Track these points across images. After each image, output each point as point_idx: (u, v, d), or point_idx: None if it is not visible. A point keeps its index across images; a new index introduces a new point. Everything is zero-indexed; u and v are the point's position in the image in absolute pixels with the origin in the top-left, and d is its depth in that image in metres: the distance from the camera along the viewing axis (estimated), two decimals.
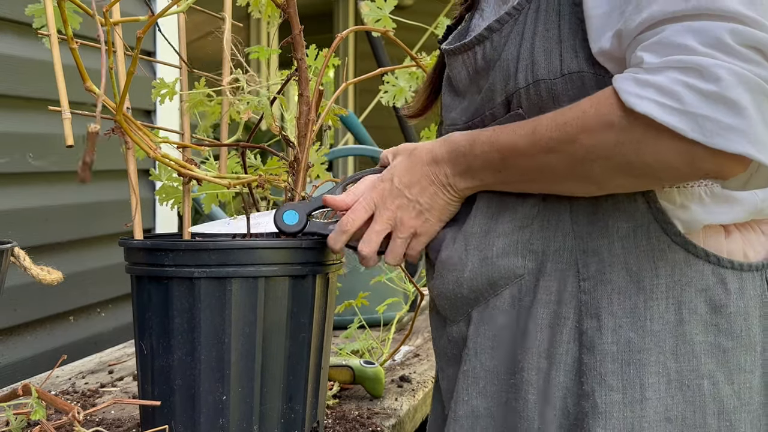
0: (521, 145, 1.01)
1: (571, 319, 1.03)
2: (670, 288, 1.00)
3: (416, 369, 1.89)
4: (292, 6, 1.29)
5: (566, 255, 1.04)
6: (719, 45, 0.85)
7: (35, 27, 1.30)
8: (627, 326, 1.00)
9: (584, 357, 1.02)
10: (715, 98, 0.84)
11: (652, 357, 1.00)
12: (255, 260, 1.20)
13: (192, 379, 1.21)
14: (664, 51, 0.87)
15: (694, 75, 0.85)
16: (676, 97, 0.85)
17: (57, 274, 1.24)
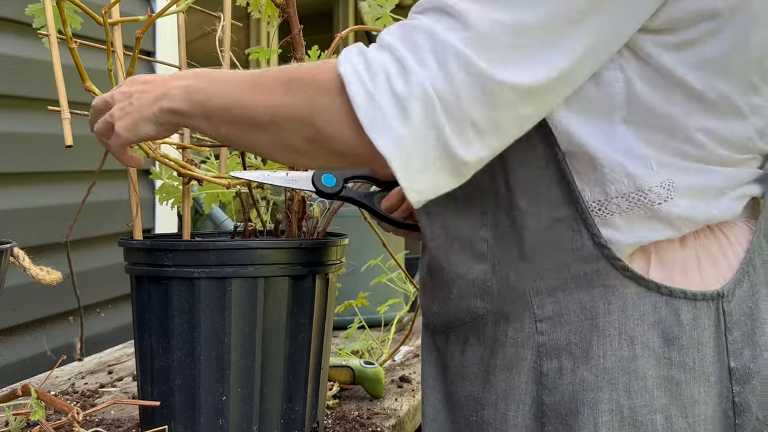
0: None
1: (529, 360, 1.03)
2: (622, 324, 0.99)
3: (416, 369, 1.89)
4: (292, 6, 1.29)
5: (519, 296, 1.03)
6: (441, 57, 0.85)
7: (35, 27, 1.30)
8: (582, 366, 1.00)
9: (545, 398, 1.02)
10: (397, 98, 0.85)
11: (605, 395, 0.98)
12: (255, 260, 1.20)
13: (192, 379, 1.20)
14: (402, 37, 0.88)
15: (399, 70, 0.86)
16: (373, 77, 0.87)
17: (56, 274, 1.24)
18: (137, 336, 1.27)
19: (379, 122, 0.86)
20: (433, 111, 0.86)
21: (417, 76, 0.86)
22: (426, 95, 0.85)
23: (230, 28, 1.41)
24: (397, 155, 0.86)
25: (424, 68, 0.86)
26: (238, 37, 1.44)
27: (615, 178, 0.97)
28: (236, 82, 1.00)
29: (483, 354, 1.08)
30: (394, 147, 0.86)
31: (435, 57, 0.86)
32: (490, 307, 1.06)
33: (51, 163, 2.29)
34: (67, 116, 1.23)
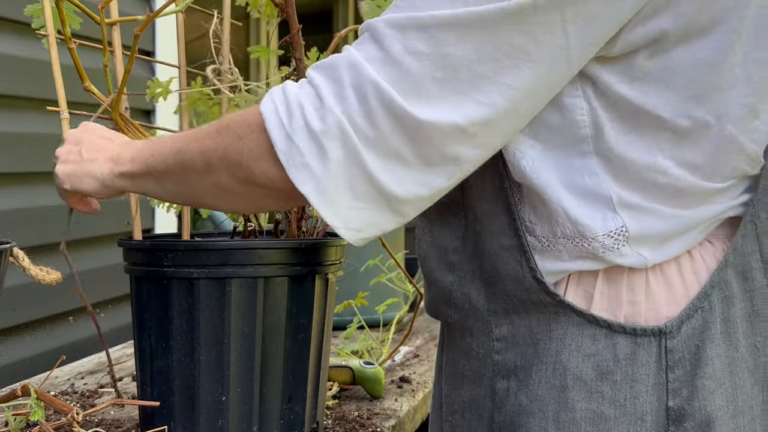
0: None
1: (487, 377, 1.04)
2: (559, 352, 0.97)
3: (416, 369, 1.89)
4: (291, 5, 1.29)
5: (480, 314, 1.04)
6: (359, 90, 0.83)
7: (34, 27, 1.30)
8: (522, 390, 0.99)
9: (495, 416, 1.02)
10: (313, 136, 0.84)
11: (535, 422, 0.98)
12: (254, 260, 1.20)
13: (191, 379, 1.20)
14: (324, 71, 0.86)
15: (314, 105, 0.85)
16: (290, 116, 0.85)
17: (56, 274, 1.24)
18: (137, 336, 1.27)
19: (298, 161, 0.84)
20: (354, 148, 0.83)
21: (334, 113, 0.83)
22: (343, 132, 0.83)
23: (230, 27, 1.41)
24: (318, 194, 0.85)
25: (343, 103, 0.83)
26: (237, 37, 1.44)
27: (559, 221, 0.95)
28: (175, 137, 1.00)
29: (455, 359, 1.08)
30: (314, 186, 0.84)
31: (355, 91, 0.83)
32: (458, 317, 1.06)
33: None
34: (66, 116, 1.23)
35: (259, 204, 1.00)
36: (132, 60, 1.15)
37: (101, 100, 1.21)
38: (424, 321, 2.47)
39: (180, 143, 0.98)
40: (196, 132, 0.97)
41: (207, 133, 0.95)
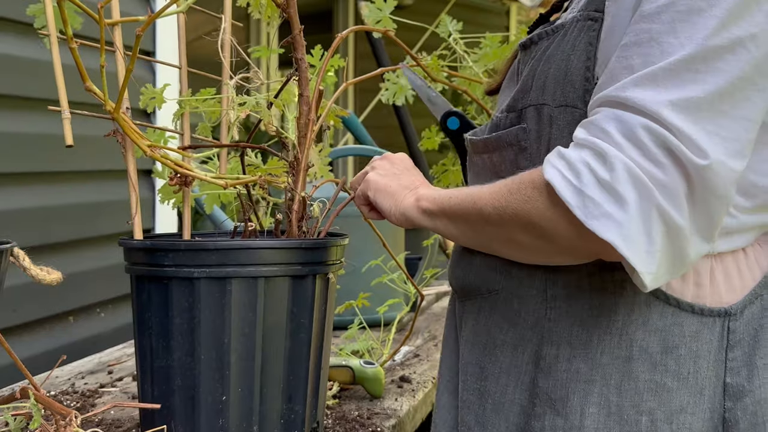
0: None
1: (533, 342, 1.08)
2: (626, 325, 1.03)
3: (416, 369, 1.89)
4: (293, 6, 1.29)
5: (536, 282, 1.08)
6: (632, 137, 0.89)
7: (36, 27, 1.30)
8: (579, 357, 1.05)
9: (540, 380, 1.07)
10: (605, 186, 0.89)
11: (596, 388, 1.04)
12: (255, 260, 1.20)
13: (192, 379, 1.20)
14: (590, 130, 0.93)
15: (598, 160, 0.90)
16: (577, 175, 0.91)
17: (56, 274, 1.24)
18: (137, 336, 1.27)
19: (595, 212, 0.89)
20: (646, 188, 0.88)
21: (618, 160, 0.89)
22: (632, 175, 0.88)
23: (231, 28, 1.41)
24: (622, 240, 0.88)
25: (621, 151, 0.89)
26: (238, 38, 1.44)
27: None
28: (472, 189, 1.09)
29: (491, 327, 1.13)
30: (617, 232, 0.88)
31: (626, 137, 0.89)
32: (506, 284, 1.12)
33: (51, 163, 2.29)
34: (68, 116, 1.23)
35: (552, 259, 1.04)
36: (134, 60, 1.15)
37: (103, 100, 1.21)
38: (424, 321, 2.47)
39: (476, 195, 1.06)
40: (491, 187, 1.05)
41: (498, 190, 1.02)
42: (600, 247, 0.90)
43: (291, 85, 1.38)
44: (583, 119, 0.99)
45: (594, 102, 0.96)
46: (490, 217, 1.03)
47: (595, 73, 1.02)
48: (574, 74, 1.03)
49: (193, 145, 1.42)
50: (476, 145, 1.19)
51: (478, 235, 1.09)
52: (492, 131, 1.17)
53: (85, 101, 1.44)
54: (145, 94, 1.40)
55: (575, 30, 1.06)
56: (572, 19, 1.07)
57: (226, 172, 1.45)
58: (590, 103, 0.97)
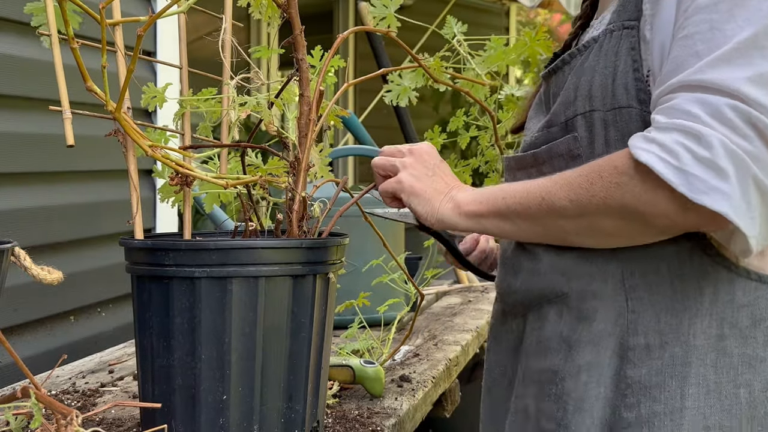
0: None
1: (616, 336, 1.12)
2: (713, 305, 1.09)
3: (416, 369, 1.89)
4: (293, 6, 1.29)
5: (610, 277, 1.12)
6: (719, 116, 0.96)
7: (33, 25, 1.30)
8: (672, 342, 1.09)
9: (629, 371, 1.11)
10: (706, 163, 0.95)
11: (693, 370, 1.09)
12: (255, 260, 1.20)
13: (192, 378, 1.21)
14: (673, 114, 0.99)
15: (693, 140, 0.96)
16: (675, 156, 0.97)
17: (57, 273, 1.24)
18: (138, 335, 1.27)
19: (702, 188, 0.95)
20: (742, 161, 0.95)
21: (713, 138, 0.95)
22: (728, 150, 0.95)
23: (231, 28, 1.41)
24: (732, 209, 0.95)
25: (712, 128, 0.96)
26: (239, 38, 1.44)
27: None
28: (528, 185, 1.13)
29: (563, 330, 1.16)
30: (727, 203, 0.95)
31: (714, 116, 0.96)
32: (576, 285, 1.15)
33: (51, 163, 2.29)
34: (69, 116, 1.23)
35: (637, 239, 1.09)
36: (134, 60, 1.15)
37: (104, 100, 1.21)
38: (424, 320, 2.47)
39: (539, 191, 1.11)
40: (553, 181, 1.10)
41: (570, 183, 1.07)
42: (703, 219, 0.98)
43: (292, 85, 1.38)
44: (639, 117, 1.07)
45: (665, 89, 1.02)
46: (566, 210, 1.07)
47: (643, 72, 1.09)
48: (624, 77, 1.10)
49: (194, 145, 1.42)
50: (523, 161, 1.24)
51: (547, 230, 1.12)
52: (529, 149, 1.23)
53: (86, 101, 1.44)
54: (146, 93, 1.41)
55: (612, 40, 1.13)
56: (603, 32, 1.15)
57: (226, 172, 1.45)
58: (659, 91, 1.03)
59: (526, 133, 1.30)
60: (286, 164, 1.40)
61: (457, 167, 1.93)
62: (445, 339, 2.21)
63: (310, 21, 1.49)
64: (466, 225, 1.21)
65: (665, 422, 1.08)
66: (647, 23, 1.09)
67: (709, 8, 1.01)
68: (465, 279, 3.24)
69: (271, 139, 1.46)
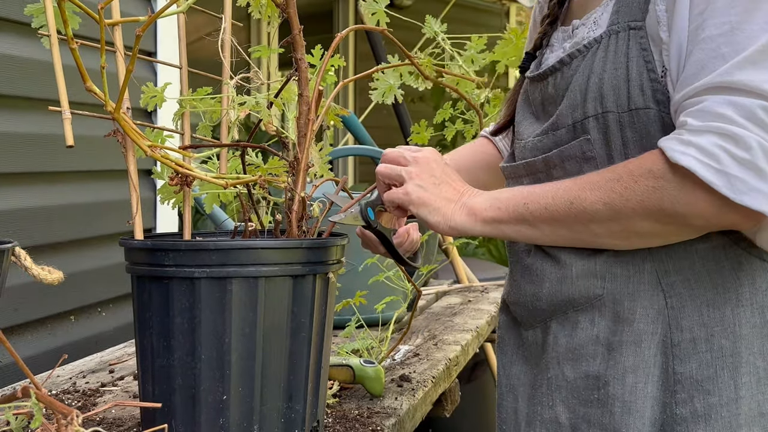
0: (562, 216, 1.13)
1: (659, 334, 1.13)
2: (753, 294, 1.11)
3: (416, 368, 1.89)
4: (292, 6, 1.29)
5: (647, 276, 1.13)
6: (753, 118, 0.98)
7: (34, 26, 1.30)
8: (719, 334, 1.11)
9: (677, 367, 1.12)
10: (746, 164, 0.97)
11: (743, 359, 1.11)
12: (255, 260, 1.20)
13: (192, 378, 1.21)
14: (706, 117, 1.00)
15: (731, 142, 0.98)
16: (715, 158, 0.98)
17: (58, 273, 1.24)
18: (138, 335, 1.27)
19: (744, 189, 0.98)
20: None
21: (752, 140, 0.97)
22: (766, 151, 0.97)
23: (231, 28, 1.42)
24: None
25: (748, 130, 0.98)
26: (238, 38, 1.44)
27: None
28: (547, 188, 1.14)
29: (599, 333, 1.16)
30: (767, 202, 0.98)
31: (748, 118, 0.98)
32: (611, 287, 1.15)
33: (51, 163, 2.29)
34: (68, 116, 1.23)
35: (671, 239, 1.11)
36: (134, 61, 1.15)
37: (103, 101, 1.21)
38: (423, 320, 2.48)
39: (567, 195, 1.11)
40: (581, 184, 1.10)
41: (601, 187, 1.08)
42: (742, 218, 1.01)
43: (291, 85, 1.38)
44: (658, 118, 1.08)
45: (690, 92, 1.03)
46: (598, 214, 1.08)
47: (658, 73, 1.09)
48: (639, 78, 1.10)
49: (194, 145, 1.42)
50: (532, 166, 1.24)
51: (575, 234, 1.13)
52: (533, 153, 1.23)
53: (86, 101, 1.45)
54: (146, 93, 1.41)
55: (618, 41, 1.13)
56: (606, 32, 1.14)
57: (226, 172, 1.45)
58: (683, 93, 1.04)
59: (521, 137, 1.29)
60: (286, 164, 1.40)
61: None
62: (445, 339, 2.21)
63: (310, 21, 1.50)
64: (483, 231, 1.20)
65: (722, 413, 1.09)
66: (663, 25, 1.09)
67: (725, 10, 1.02)
68: (465, 279, 3.24)
69: (271, 139, 1.46)
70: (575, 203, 1.09)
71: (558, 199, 1.11)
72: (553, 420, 1.20)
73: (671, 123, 1.08)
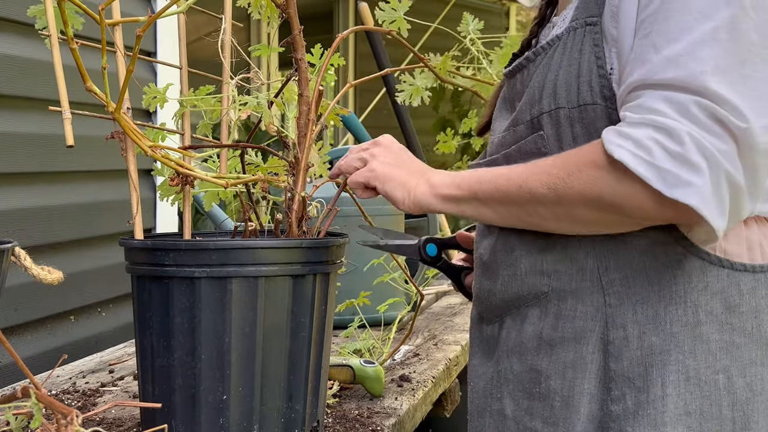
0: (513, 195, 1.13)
1: (597, 332, 1.13)
2: (687, 293, 1.10)
3: (416, 368, 1.89)
4: (292, 6, 1.29)
5: (588, 274, 1.14)
6: (687, 113, 0.98)
7: (38, 28, 1.30)
8: (650, 332, 1.10)
9: (611, 365, 1.12)
10: (678, 158, 0.97)
11: (672, 357, 1.09)
12: (255, 260, 1.20)
13: (192, 378, 1.21)
14: (642, 111, 1.01)
15: (664, 134, 0.98)
16: (647, 151, 0.98)
17: (57, 273, 1.24)
18: (138, 335, 1.27)
19: (674, 182, 0.97)
20: (712, 155, 0.97)
21: (684, 133, 0.97)
22: (699, 146, 0.97)
23: (231, 29, 1.42)
24: (703, 203, 0.97)
25: (683, 124, 0.97)
26: (238, 38, 1.44)
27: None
28: (502, 171, 1.15)
29: (544, 329, 1.17)
30: (698, 197, 0.97)
31: (682, 114, 0.98)
32: (556, 284, 1.16)
33: (51, 163, 2.29)
34: (68, 116, 1.23)
35: (615, 228, 1.11)
36: (134, 61, 1.15)
37: (103, 101, 1.21)
38: (424, 320, 2.48)
39: (518, 177, 1.12)
40: (531, 168, 1.11)
41: (547, 171, 1.09)
42: (677, 212, 0.99)
43: (292, 84, 1.38)
44: (605, 114, 1.08)
45: (629, 86, 1.03)
46: (544, 198, 1.08)
47: (607, 69, 1.10)
48: (588, 74, 1.11)
49: (194, 145, 1.42)
50: (495, 163, 1.24)
51: (525, 214, 1.13)
52: (498, 149, 1.24)
53: (86, 101, 1.45)
54: (147, 94, 1.41)
55: (575, 37, 1.13)
56: (567, 29, 1.15)
57: (226, 171, 1.45)
58: (624, 87, 1.04)
59: (493, 133, 1.31)
60: (286, 164, 1.40)
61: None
62: (445, 339, 2.21)
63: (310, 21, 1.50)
64: (442, 207, 1.21)
65: (648, 410, 1.09)
66: (612, 19, 1.10)
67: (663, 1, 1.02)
68: None
69: (271, 138, 1.46)
70: (523, 186, 1.10)
71: (510, 181, 1.12)
72: (499, 412, 1.22)
73: (618, 119, 1.08)
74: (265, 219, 1.49)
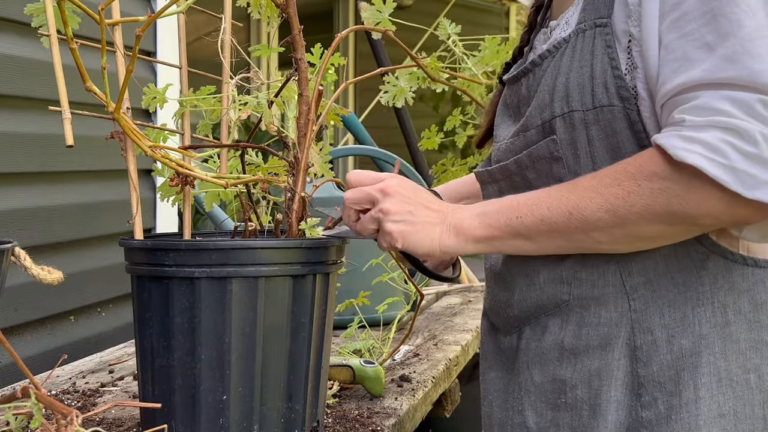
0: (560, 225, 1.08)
1: (623, 338, 1.12)
2: (714, 293, 1.09)
3: (416, 369, 1.89)
4: (292, 6, 1.29)
5: (611, 279, 1.12)
6: (753, 112, 0.96)
7: (33, 25, 1.30)
8: (679, 335, 1.09)
9: (640, 370, 1.11)
10: (754, 158, 0.95)
11: (703, 359, 1.09)
12: (255, 260, 1.20)
13: (192, 378, 1.21)
14: (705, 113, 0.98)
15: (736, 136, 0.96)
16: (722, 154, 0.96)
17: (57, 273, 1.24)
18: (138, 335, 1.27)
19: (753, 183, 0.96)
20: None
21: (756, 133, 0.95)
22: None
23: (231, 28, 1.42)
24: None
25: (753, 124, 0.96)
26: (238, 38, 1.44)
27: None
28: (538, 199, 1.09)
29: (564, 338, 1.15)
30: None
31: (748, 113, 0.96)
32: (577, 291, 1.14)
33: (51, 163, 2.29)
34: (68, 116, 1.23)
35: (678, 239, 1.08)
36: (134, 61, 1.15)
37: (103, 101, 1.21)
38: (424, 320, 2.48)
39: (567, 204, 1.06)
40: (577, 192, 1.06)
41: (602, 192, 1.04)
42: (753, 212, 0.98)
43: (292, 84, 1.38)
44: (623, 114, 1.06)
45: (680, 87, 1.00)
46: (601, 222, 1.04)
47: (622, 69, 1.08)
48: (603, 76, 1.09)
49: (194, 145, 1.42)
50: (506, 169, 1.22)
51: (575, 243, 1.09)
52: (506, 156, 1.21)
53: (86, 101, 1.44)
54: (147, 94, 1.41)
55: (585, 39, 1.12)
56: (574, 31, 1.13)
57: (226, 171, 1.45)
58: (671, 87, 1.01)
59: (498, 140, 1.27)
60: (286, 163, 1.40)
61: (454, 166, 1.93)
62: (445, 339, 2.21)
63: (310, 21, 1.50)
64: (476, 249, 1.15)
65: (682, 414, 1.08)
66: (630, 19, 1.07)
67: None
68: (465, 279, 3.25)
69: (271, 138, 1.46)
70: (575, 213, 1.05)
71: (555, 210, 1.07)
72: (521, 425, 1.20)
73: (637, 119, 1.06)
74: (265, 219, 1.49)
